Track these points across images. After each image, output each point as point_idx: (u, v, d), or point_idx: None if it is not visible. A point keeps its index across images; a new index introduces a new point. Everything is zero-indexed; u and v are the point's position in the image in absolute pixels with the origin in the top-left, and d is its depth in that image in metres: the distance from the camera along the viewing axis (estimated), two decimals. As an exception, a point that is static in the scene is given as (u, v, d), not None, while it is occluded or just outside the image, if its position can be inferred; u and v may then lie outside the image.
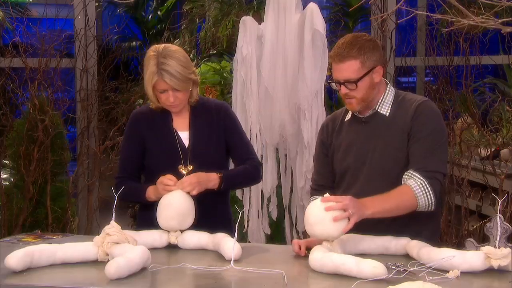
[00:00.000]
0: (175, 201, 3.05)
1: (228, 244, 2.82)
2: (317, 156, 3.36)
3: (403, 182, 2.99)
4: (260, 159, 4.65)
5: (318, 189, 3.26)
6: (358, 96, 3.06)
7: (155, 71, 3.19)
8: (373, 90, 3.10)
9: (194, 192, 3.11)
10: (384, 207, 2.89)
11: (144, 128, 3.38)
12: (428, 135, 3.01)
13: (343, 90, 3.07)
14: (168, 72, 3.17)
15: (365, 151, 3.11)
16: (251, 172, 3.44)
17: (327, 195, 2.84)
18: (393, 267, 2.53)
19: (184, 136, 3.36)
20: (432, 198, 2.96)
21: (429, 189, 2.95)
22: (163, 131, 3.37)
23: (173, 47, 3.30)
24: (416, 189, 2.94)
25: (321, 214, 2.76)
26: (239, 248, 2.76)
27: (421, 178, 2.95)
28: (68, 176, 5.31)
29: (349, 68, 3.02)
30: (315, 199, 3.15)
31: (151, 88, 3.24)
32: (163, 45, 3.29)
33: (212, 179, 3.21)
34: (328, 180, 3.26)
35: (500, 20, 2.61)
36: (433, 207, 2.99)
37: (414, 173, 2.97)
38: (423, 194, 2.94)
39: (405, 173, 3.00)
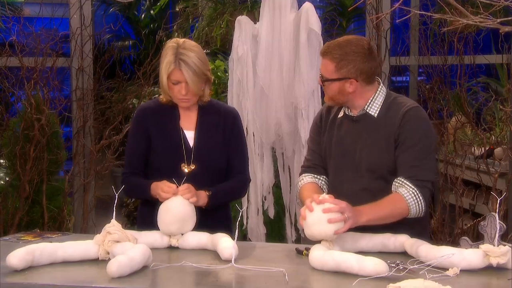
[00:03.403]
0: (174, 207, 3.05)
1: (223, 244, 2.83)
2: (312, 137, 3.38)
3: (393, 189, 3.03)
4: (256, 158, 4.68)
5: (311, 166, 3.32)
6: (327, 93, 3.16)
7: (173, 60, 3.20)
8: (344, 97, 3.13)
9: (191, 200, 3.09)
10: (378, 215, 2.93)
11: (150, 123, 3.38)
12: (416, 144, 3.03)
13: (318, 80, 3.20)
14: (185, 63, 3.19)
15: (354, 149, 3.14)
16: (238, 191, 3.47)
17: (324, 195, 2.86)
18: (392, 265, 2.55)
19: (190, 135, 3.36)
20: (423, 206, 3.01)
21: (420, 197, 2.99)
22: (169, 128, 3.37)
23: (193, 42, 3.34)
24: (408, 198, 2.98)
25: (318, 215, 2.79)
26: (235, 248, 2.76)
27: (413, 187, 2.99)
28: (64, 175, 5.30)
29: (325, 66, 3.11)
30: (305, 179, 3.27)
31: (166, 77, 3.25)
32: (183, 39, 3.32)
33: (201, 197, 3.20)
34: (322, 159, 3.29)
35: (498, 20, 2.63)
36: (422, 213, 3.04)
37: (405, 181, 3.00)
38: (415, 202, 2.98)
39: (395, 180, 3.04)
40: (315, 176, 3.28)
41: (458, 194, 5.36)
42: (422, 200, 2.99)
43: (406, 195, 2.97)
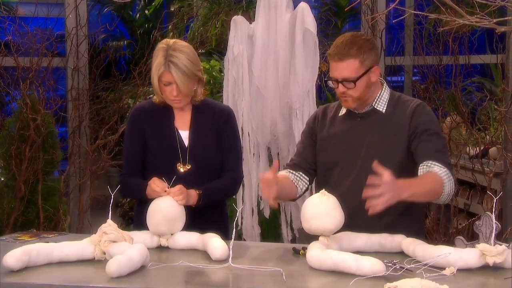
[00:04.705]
0: (163, 207, 3.05)
1: (214, 243, 2.83)
2: (302, 140, 3.40)
3: (422, 172, 3.01)
4: (252, 158, 4.69)
5: (291, 164, 3.33)
6: (355, 95, 3.11)
7: (163, 62, 3.21)
8: (369, 90, 3.14)
9: (181, 202, 3.08)
10: (420, 190, 2.91)
11: (145, 123, 3.39)
12: (435, 133, 3.09)
13: (341, 88, 3.10)
14: (175, 65, 3.19)
15: (360, 146, 3.15)
16: (229, 189, 3.46)
17: (323, 191, 2.86)
18: (389, 264, 2.55)
19: (185, 135, 3.37)
20: (454, 186, 3.01)
21: (452, 177, 2.99)
22: (164, 128, 3.38)
23: (183, 43, 3.34)
24: (443, 176, 2.96)
25: (317, 209, 2.80)
26: (225, 248, 2.77)
27: (443, 166, 2.98)
28: (59, 175, 5.30)
29: (349, 67, 3.06)
30: (280, 173, 3.25)
31: (157, 79, 3.25)
32: (173, 39, 3.32)
33: (191, 196, 3.19)
34: (304, 162, 3.31)
35: (494, 20, 2.63)
36: (451, 196, 3.04)
37: (435, 163, 2.99)
38: (448, 181, 2.98)
39: (422, 163, 3.02)
40: (290, 171, 3.30)
41: (453, 194, 5.37)
42: (453, 180, 2.99)
43: (441, 174, 2.96)
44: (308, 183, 3.30)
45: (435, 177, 2.97)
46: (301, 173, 3.29)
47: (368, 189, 2.70)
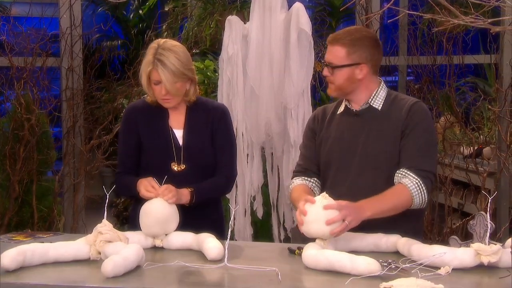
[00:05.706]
0: (154, 209, 3.04)
1: (209, 244, 2.83)
2: (304, 143, 3.40)
3: (396, 181, 3.05)
4: (246, 158, 4.68)
5: (302, 171, 3.33)
6: (335, 83, 3.15)
7: (151, 61, 3.20)
8: (352, 84, 3.15)
9: (172, 200, 3.07)
10: (382, 208, 2.94)
11: (139, 122, 3.38)
12: (422, 134, 3.07)
13: (324, 71, 3.18)
14: (163, 63, 3.18)
15: (356, 143, 3.15)
16: (223, 186, 3.45)
17: (324, 194, 2.86)
18: (384, 264, 2.56)
19: (179, 134, 3.36)
20: (426, 196, 3.03)
21: (423, 188, 3.01)
22: (158, 127, 3.37)
23: (174, 42, 3.34)
24: (412, 188, 3.00)
25: (317, 213, 2.80)
26: (221, 248, 2.77)
27: (416, 177, 3.01)
28: (53, 175, 5.29)
29: (334, 53, 3.13)
30: (295, 182, 3.27)
31: (145, 78, 3.25)
32: (165, 39, 3.33)
33: (184, 195, 3.19)
34: (313, 165, 3.31)
35: (489, 20, 2.64)
36: (424, 204, 3.07)
37: (408, 172, 3.02)
38: (418, 193, 3.00)
39: (398, 171, 3.06)
40: (305, 178, 3.30)
41: (447, 194, 5.39)
42: (425, 191, 3.02)
43: (410, 186, 3.00)
44: (321, 187, 3.29)
45: (402, 191, 3.01)
46: (315, 178, 3.30)
47: (329, 219, 2.77)
